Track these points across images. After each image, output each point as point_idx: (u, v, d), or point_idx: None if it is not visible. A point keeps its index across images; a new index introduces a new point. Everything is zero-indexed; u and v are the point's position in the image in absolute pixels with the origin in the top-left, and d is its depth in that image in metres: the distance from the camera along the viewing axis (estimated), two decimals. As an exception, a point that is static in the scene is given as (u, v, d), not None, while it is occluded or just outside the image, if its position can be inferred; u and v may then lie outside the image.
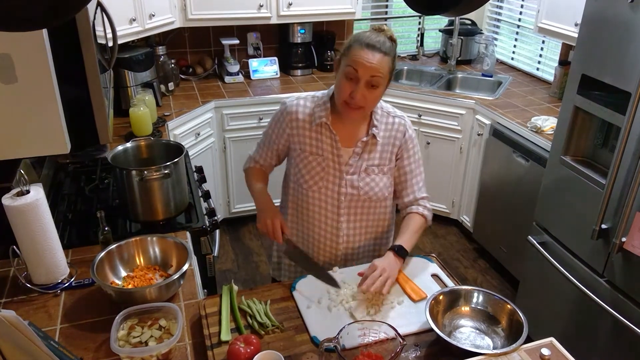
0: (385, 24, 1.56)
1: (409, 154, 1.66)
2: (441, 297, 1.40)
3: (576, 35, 2.25)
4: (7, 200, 1.38)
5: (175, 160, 1.83)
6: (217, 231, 2.15)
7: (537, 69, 3.80)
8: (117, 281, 1.49)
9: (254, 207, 1.71)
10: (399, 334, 1.22)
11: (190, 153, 2.95)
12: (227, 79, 3.58)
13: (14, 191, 1.40)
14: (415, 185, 1.69)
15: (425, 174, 1.73)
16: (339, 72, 1.52)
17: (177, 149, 1.95)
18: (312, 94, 1.68)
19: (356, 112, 1.53)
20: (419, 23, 4.25)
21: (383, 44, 1.47)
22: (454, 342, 1.25)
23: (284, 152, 1.72)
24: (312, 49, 3.83)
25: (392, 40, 1.51)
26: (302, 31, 3.68)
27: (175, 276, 1.40)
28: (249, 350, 1.21)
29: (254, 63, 3.70)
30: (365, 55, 1.45)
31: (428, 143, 3.52)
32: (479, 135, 3.27)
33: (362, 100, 1.49)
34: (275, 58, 3.78)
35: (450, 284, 1.54)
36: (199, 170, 2.47)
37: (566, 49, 3.36)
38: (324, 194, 1.64)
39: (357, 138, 1.62)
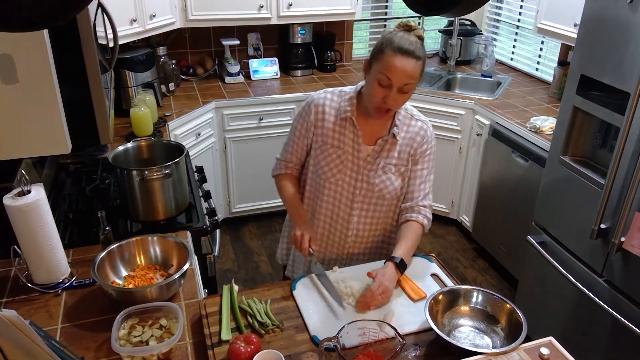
0: (412, 21, 1.52)
1: (425, 159, 1.66)
2: (440, 297, 1.40)
3: (575, 35, 2.25)
4: (8, 200, 1.38)
5: (176, 160, 1.84)
6: (218, 231, 2.16)
7: (537, 69, 3.81)
8: (118, 281, 1.50)
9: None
10: (398, 333, 1.23)
11: (190, 153, 2.95)
12: (228, 79, 3.59)
13: (15, 191, 1.40)
14: (422, 190, 1.68)
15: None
16: (370, 75, 1.51)
17: (177, 149, 1.96)
18: (339, 88, 1.68)
19: (387, 114, 1.55)
20: (419, 24, 4.26)
21: (415, 48, 1.44)
22: (454, 342, 1.26)
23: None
24: (312, 50, 3.83)
25: (421, 39, 1.49)
26: (302, 32, 3.69)
27: (176, 276, 1.41)
28: (249, 350, 1.22)
29: (254, 63, 3.71)
30: (399, 63, 1.42)
31: (428, 143, 3.52)
32: (478, 135, 3.28)
33: (394, 105, 1.50)
34: (276, 58, 3.78)
35: (450, 283, 1.55)
36: (200, 170, 2.47)
37: (565, 49, 3.37)
38: (340, 186, 1.66)
39: (378, 136, 1.63)
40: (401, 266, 1.52)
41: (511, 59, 4.07)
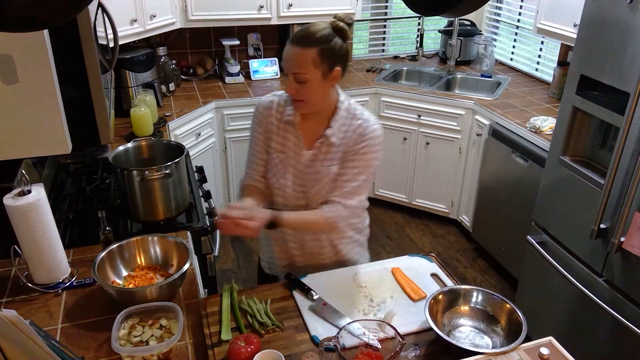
0: (346, 16, 1.56)
1: (358, 157, 1.54)
2: (440, 297, 1.40)
3: (575, 36, 2.25)
4: (8, 200, 1.38)
5: (176, 160, 1.84)
6: (218, 231, 2.16)
7: (536, 69, 3.81)
8: (118, 281, 1.50)
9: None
10: (398, 333, 1.23)
11: (191, 153, 2.95)
12: (228, 79, 3.59)
13: (16, 191, 1.41)
14: (345, 188, 1.54)
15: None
16: None
17: (178, 149, 1.96)
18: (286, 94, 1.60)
19: (298, 104, 1.52)
20: (419, 24, 4.26)
21: (310, 35, 1.43)
22: (453, 342, 1.26)
23: None
24: (312, 50, 3.83)
25: (337, 28, 1.47)
26: (302, 32, 3.69)
27: (176, 276, 1.41)
28: (249, 349, 1.22)
29: (254, 64, 3.71)
30: (286, 52, 1.46)
31: (427, 143, 3.53)
32: (478, 135, 3.28)
33: (296, 94, 1.49)
34: (276, 59, 3.78)
35: (450, 283, 1.55)
36: (200, 170, 2.48)
37: (565, 49, 3.37)
38: (282, 192, 1.61)
39: (316, 138, 1.58)
40: (274, 223, 1.49)
41: (511, 59, 4.07)
